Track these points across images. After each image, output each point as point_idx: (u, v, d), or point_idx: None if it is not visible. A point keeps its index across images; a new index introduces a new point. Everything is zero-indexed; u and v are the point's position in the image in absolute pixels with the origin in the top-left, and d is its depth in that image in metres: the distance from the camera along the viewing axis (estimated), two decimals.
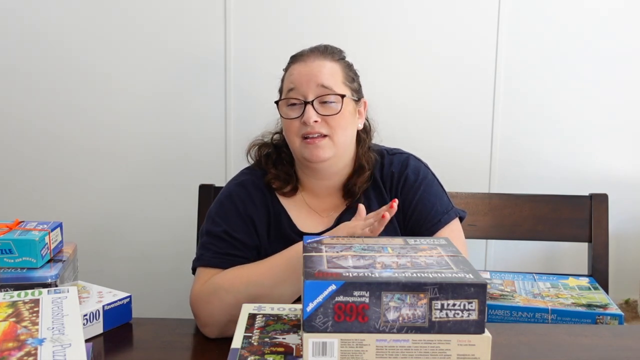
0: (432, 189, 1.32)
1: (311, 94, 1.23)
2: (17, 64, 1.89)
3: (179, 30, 1.87)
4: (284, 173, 1.32)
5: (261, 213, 1.29)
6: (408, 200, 1.30)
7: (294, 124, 1.24)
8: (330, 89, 1.23)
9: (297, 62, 1.28)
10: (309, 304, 0.80)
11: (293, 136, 1.25)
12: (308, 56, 1.27)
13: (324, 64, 1.26)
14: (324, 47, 1.31)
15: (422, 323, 0.80)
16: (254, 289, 1.15)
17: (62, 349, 0.79)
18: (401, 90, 1.89)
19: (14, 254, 1.09)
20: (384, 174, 1.33)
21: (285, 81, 1.29)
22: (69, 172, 1.94)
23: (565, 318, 1.30)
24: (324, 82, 1.23)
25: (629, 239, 1.94)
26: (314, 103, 1.22)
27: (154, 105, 1.91)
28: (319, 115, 1.22)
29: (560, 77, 1.89)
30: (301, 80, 1.24)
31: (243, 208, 1.28)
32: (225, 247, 1.24)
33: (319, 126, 1.22)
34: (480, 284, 0.80)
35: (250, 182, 1.32)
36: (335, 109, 1.23)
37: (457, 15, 1.86)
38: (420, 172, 1.32)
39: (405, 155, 1.36)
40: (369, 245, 0.97)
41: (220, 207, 1.29)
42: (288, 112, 1.25)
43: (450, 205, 1.32)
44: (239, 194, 1.30)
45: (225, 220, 1.27)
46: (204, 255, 1.24)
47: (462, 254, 0.92)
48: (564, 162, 1.92)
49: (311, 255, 0.91)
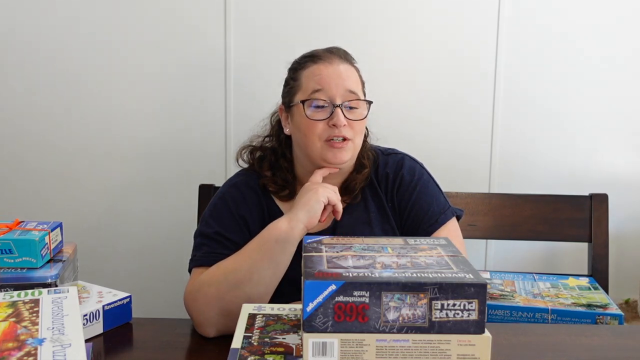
0: (428, 189, 1.32)
1: (339, 97, 1.23)
2: (17, 65, 1.89)
3: (179, 31, 1.87)
4: (281, 179, 1.32)
5: (255, 213, 1.29)
6: (404, 201, 1.30)
7: (318, 125, 1.23)
8: (356, 94, 1.25)
9: (319, 62, 1.26)
10: (309, 304, 0.80)
11: (314, 137, 1.24)
12: (331, 58, 1.27)
13: (349, 68, 1.28)
14: (343, 51, 1.31)
15: (422, 323, 0.80)
16: (232, 276, 1.14)
17: (62, 349, 0.79)
18: (401, 90, 1.89)
19: (14, 254, 1.09)
20: (379, 174, 1.33)
21: (306, 80, 1.27)
22: (69, 172, 1.94)
23: (565, 318, 1.30)
24: (351, 87, 1.25)
25: (629, 239, 1.94)
26: (341, 107, 1.23)
27: (154, 106, 1.91)
28: (346, 119, 1.23)
29: (560, 77, 1.89)
30: (330, 83, 1.24)
31: (235, 208, 1.28)
32: (217, 247, 1.24)
33: (345, 130, 1.23)
34: (480, 284, 0.80)
35: (243, 184, 1.33)
36: (361, 114, 1.26)
37: (457, 16, 1.86)
38: (416, 173, 1.32)
39: (400, 155, 1.36)
40: (369, 245, 0.97)
41: (214, 209, 1.30)
42: (313, 113, 1.24)
43: (447, 205, 1.32)
44: (232, 195, 1.31)
45: (218, 222, 1.27)
46: (196, 256, 1.25)
47: (462, 254, 0.92)
48: (564, 162, 1.92)
49: (311, 255, 0.91)
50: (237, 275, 1.14)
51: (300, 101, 1.25)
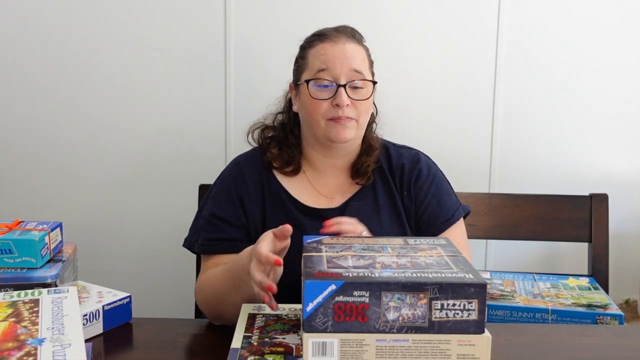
0: (444, 186, 1.35)
1: (343, 77, 1.23)
2: (16, 64, 1.89)
3: (178, 30, 1.86)
4: (287, 155, 1.33)
5: (254, 192, 1.30)
6: (422, 193, 1.32)
7: (322, 105, 1.24)
8: (362, 74, 1.25)
9: (326, 41, 1.26)
10: (309, 304, 0.80)
11: (318, 116, 1.25)
12: (338, 37, 1.26)
13: (356, 47, 1.27)
14: (351, 29, 1.30)
15: (422, 323, 0.80)
16: (215, 297, 1.18)
17: (62, 349, 0.79)
18: (401, 90, 1.89)
19: (14, 254, 1.09)
20: (392, 164, 1.34)
21: (312, 59, 1.27)
22: (69, 172, 1.93)
23: (565, 318, 1.30)
24: (356, 66, 1.24)
25: (629, 239, 1.94)
26: (346, 87, 1.23)
27: (153, 105, 1.90)
28: (350, 99, 1.23)
29: (560, 77, 1.89)
30: (335, 62, 1.23)
31: (234, 188, 1.30)
32: (212, 232, 1.27)
33: (349, 110, 1.24)
34: (480, 284, 0.80)
35: (246, 160, 1.35)
36: (365, 94, 1.26)
37: (457, 16, 1.86)
38: (432, 169, 1.35)
39: (415, 150, 1.38)
40: (369, 245, 0.98)
41: (213, 187, 1.34)
42: (317, 92, 1.24)
43: (459, 202, 1.35)
44: (232, 174, 1.33)
45: (215, 202, 1.30)
46: (197, 243, 1.29)
47: (461, 254, 0.92)
48: (564, 162, 1.92)
49: (311, 255, 0.91)
50: (219, 298, 1.16)
51: (305, 80, 1.26)
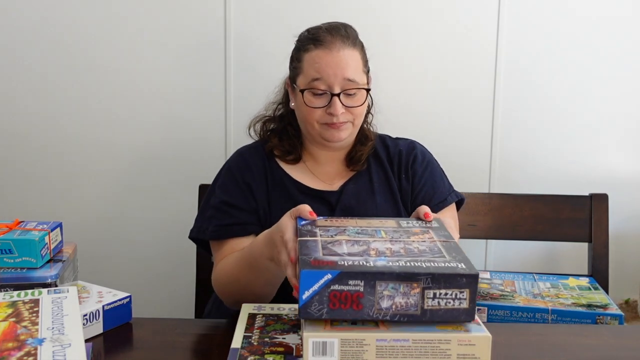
0: (438, 171, 1.41)
1: (337, 86, 1.26)
2: (17, 63, 1.89)
3: (178, 28, 1.87)
4: (288, 145, 1.36)
5: (259, 178, 1.33)
6: (417, 178, 1.36)
7: (316, 112, 1.28)
8: (355, 82, 1.27)
9: (320, 47, 1.27)
10: (305, 292, 0.81)
11: (313, 121, 1.29)
12: (332, 43, 1.27)
13: (350, 54, 1.27)
14: (344, 31, 1.30)
15: (414, 311, 0.81)
16: (235, 285, 1.21)
17: (62, 349, 0.79)
18: (401, 89, 1.89)
19: (14, 254, 1.09)
20: (390, 152, 1.39)
21: (307, 65, 1.28)
22: (69, 172, 1.93)
23: (565, 318, 1.30)
24: (349, 75, 1.26)
25: (629, 239, 1.94)
26: (340, 95, 1.26)
27: (153, 106, 1.90)
28: (344, 107, 1.26)
29: (560, 77, 1.89)
30: (328, 72, 1.25)
31: (240, 176, 1.33)
32: (224, 218, 1.29)
33: (343, 116, 1.27)
34: (472, 274, 0.81)
35: (248, 151, 1.38)
36: (359, 100, 1.28)
37: (457, 15, 1.86)
38: (426, 156, 1.41)
39: (410, 139, 1.44)
40: (363, 228, 0.99)
41: (218, 177, 1.36)
42: (312, 100, 1.27)
43: (452, 188, 1.41)
44: (237, 163, 1.36)
45: (224, 190, 1.32)
46: (207, 230, 1.30)
47: (453, 240, 0.95)
48: (564, 162, 1.92)
49: (306, 240, 0.92)
50: (238, 285, 1.20)
51: (299, 90, 1.28)
